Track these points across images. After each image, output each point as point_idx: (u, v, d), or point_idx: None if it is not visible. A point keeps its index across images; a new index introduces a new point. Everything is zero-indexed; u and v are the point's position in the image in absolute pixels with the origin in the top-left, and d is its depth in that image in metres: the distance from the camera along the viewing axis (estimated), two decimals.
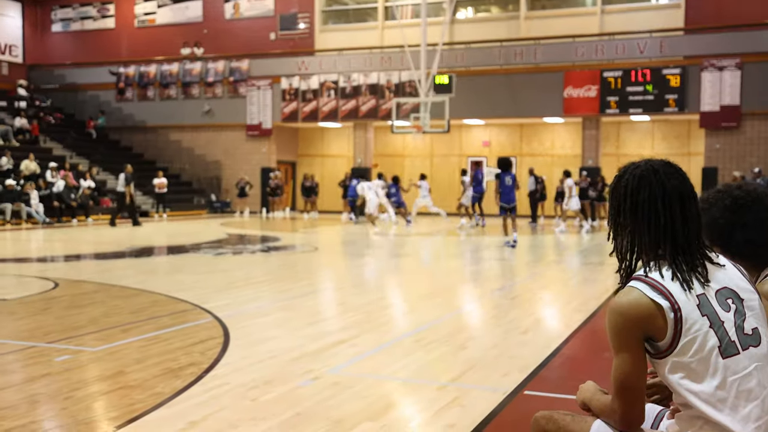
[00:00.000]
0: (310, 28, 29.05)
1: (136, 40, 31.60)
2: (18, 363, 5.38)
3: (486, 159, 27.64)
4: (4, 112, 27.44)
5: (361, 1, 29.79)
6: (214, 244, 15.34)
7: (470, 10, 28.81)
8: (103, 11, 32.44)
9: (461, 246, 16.28)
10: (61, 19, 33.06)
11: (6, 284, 9.58)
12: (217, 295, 8.58)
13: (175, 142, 29.23)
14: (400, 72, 26.20)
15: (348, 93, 26.87)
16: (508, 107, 25.29)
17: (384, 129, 27.76)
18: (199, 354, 5.63)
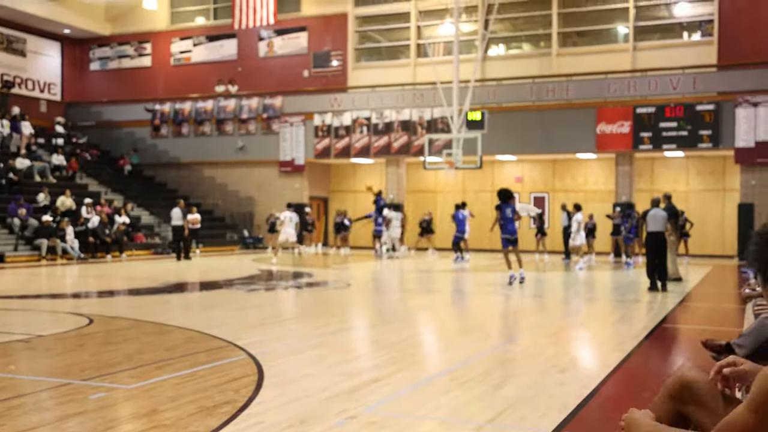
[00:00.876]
0: (343, 66, 29.38)
1: (172, 77, 32.20)
2: (53, 400, 5.37)
3: (519, 195, 27.50)
4: (42, 149, 27.99)
5: (393, 39, 30.12)
6: (246, 280, 15.37)
7: (502, 47, 28.95)
8: (140, 50, 33.14)
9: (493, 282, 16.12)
10: (99, 57, 33.84)
11: (42, 320, 9.65)
12: (251, 331, 8.55)
13: (209, 178, 29.55)
14: (432, 108, 26.32)
15: (380, 129, 27.03)
16: (540, 143, 25.23)
17: (416, 165, 27.82)
18: (233, 392, 5.58)
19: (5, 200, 21.89)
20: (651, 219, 13.35)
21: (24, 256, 20.53)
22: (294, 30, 30.34)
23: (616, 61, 25.60)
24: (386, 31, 30.43)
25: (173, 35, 32.59)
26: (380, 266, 20.81)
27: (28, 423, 4.83)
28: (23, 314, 10.23)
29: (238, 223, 28.86)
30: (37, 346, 7.61)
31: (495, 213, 15.03)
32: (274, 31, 30.55)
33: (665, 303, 11.94)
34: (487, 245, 26.44)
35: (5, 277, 16.21)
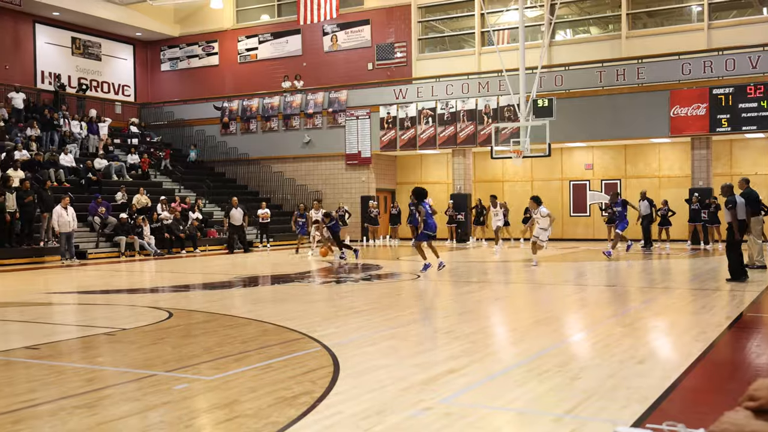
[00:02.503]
0: (407, 57, 29.37)
1: (239, 75, 32.76)
2: (140, 391, 5.55)
3: (589, 182, 27.04)
4: (118, 149, 28.86)
5: (457, 28, 29.95)
6: (317, 273, 15.54)
7: (568, 31, 28.45)
8: (207, 49, 33.80)
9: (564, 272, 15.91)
10: (169, 58, 34.67)
11: (124, 314, 9.97)
12: (324, 323, 8.65)
13: (277, 173, 29.96)
14: (498, 97, 26.06)
15: (446, 119, 26.92)
16: (611, 129, 24.72)
17: (483, 154, 27.62)
18: (310, 383, 5.66)
19: (86, 199, 22.67)
20: (740, 207, 12.79)
21: (104, 252, 21.24)
22: (357, 23, 30.47)
23: (690, 41, 24.85)
24: (450, 21, 30.27)
25: (239, 33, 33.13)
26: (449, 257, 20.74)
27: (118, 412, 5.00)
28: (106, 308, 10.58)
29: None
30: (121, 339, 7.87)
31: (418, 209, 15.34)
32: (338, 25, 30.74)
33: (748, 291, 11.58)
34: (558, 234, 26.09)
35: (88, 273, 16.81)
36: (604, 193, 26.28)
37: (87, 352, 7.34)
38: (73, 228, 19.56)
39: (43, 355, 6.96)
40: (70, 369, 6.32)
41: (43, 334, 8.44)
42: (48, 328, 9.00)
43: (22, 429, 4.64)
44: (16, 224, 19.41)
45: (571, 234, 27.02)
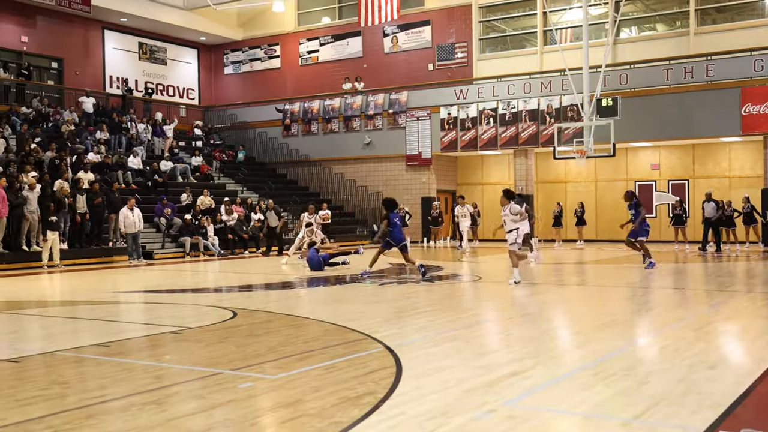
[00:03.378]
0: (468, 57, 29.24)
1: (301, 77, 33.12)
2: (206, 389, 5.64)
3: (655, 182, 26.45)
4: (183, 151, 29.48)
5: (518, 28, 29.68)
6: (378, 274, 15.58)
7: (634, 29, 27.91)
8: (269, 52, 34.27)
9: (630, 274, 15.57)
10: (232, 62, 35.27)
11: (189, 313, 10.15)
12: (386, 324, 8.65)
13: (338, 174, 30.15)
14: (561, 96, 25.71)
15: (507, 120, 26.68)
16: (678, 128, 24.12)
17: (545, 155, 27.29)
18: (373, 383, 5.67)
19: (152, 201, 23.21)
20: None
21: (170, 253, 21.70)
22: (418, 24, 30.48)
23: (762, 37, 24.07)
24: (511, 20, 30.01)
25: (301, 36, 33.50)
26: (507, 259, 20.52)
27: (185, 409, 5.09)
28: (172, 308, 10.79)
29: (367, 217, 29.29)
30: (187, 337, 8.02)
31: (384, 223, 15.18)
32: (398, 27, 30.79)
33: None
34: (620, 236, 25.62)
35: (154, 273, 17.19)
36: (671, 193, 25.68)
37: (154, 350, 7.50)
38: (139, 229, 20.04)
39: (113, 352, 7.13)
40: (139, 366, 6.47)
41: (113, 331, 8.66)
42: (117, 326, 9.24)
43: (95, 424, 4.76)
44: (86, 225, 20.00)
45: None
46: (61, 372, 6.35)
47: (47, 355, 7.06)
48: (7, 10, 27.18)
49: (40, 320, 9.91)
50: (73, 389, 5.70)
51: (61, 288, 14.60)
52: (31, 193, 18.73)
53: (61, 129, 25.01)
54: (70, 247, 19.47)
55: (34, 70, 28.54)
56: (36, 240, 18.70)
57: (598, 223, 27.62)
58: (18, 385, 5.90)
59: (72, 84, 29.13)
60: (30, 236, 18.81)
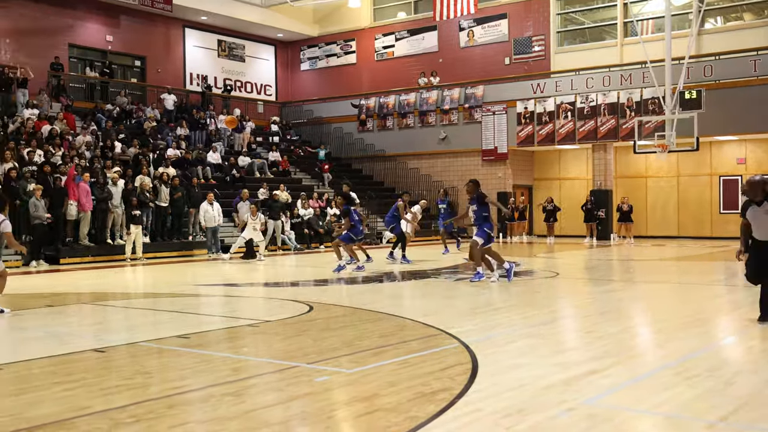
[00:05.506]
0: (546, 50, 28.78)
1: (376, 72, 33.21)
2: (283, 381, 5.71)
3: (741, 177, 25.48)
4: (260, 146, 29.96)
5: (597, 19, 29.04)
6: (453, 270, 15.50)
7: (719, 19, 26.92)
8: (345, 48, 34.49)
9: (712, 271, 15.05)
10: (308, 58, 35.65)
11: (266, 307, 10.32)
12: (461, 320, 8.59)
13: (414, 169, 30.13)
14: (641, 89, 25.02)
15: (586, 113, 26.14)
16: (766, 120, 23.15)
17: (625, 149, 26.62)
18: (449, 379, 5.63)
19: (230, 195, 23.66)
20: None
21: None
22: (494, 18, 30.15)
23: None
24: (590, 12, 29.37)
25: (376, 31, 33.58)
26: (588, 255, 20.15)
27: (263, 401, 5.17)
28: (250, 301, 10.99)
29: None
30: (265, 330, 8.14)
31: (346, 220, 15.23)
32: (474, 21, 30.53)
33: None
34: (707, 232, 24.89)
35: (232, 267, 17.53)
36: None
37: (233, 342, 7.64)
38: (218, 223, 20.47)
39: (193, 344, 7.30)
40: (218, 358, 6.60)
41: (192, 324, 8.87)
42: (196, 318, 9.45)
43: (176, 414, 4.87)
44: (168, 219, 20.57)
45: (721, 232, 25.52)
46: (144, 362, 6.53)
47: (131, 345, 7.27)
48: (93, 10, 28.14)
49: (124, 311, 10.24)
50: (155, 379, 5.86)
51: (143, 280, 15.06)
52: (115, 188, 19.38)
53: (143, 125, 25.77)
54: (152, 240, 20.06)
55: (118, 68, 29.47)
56: (120, 233, 19.34)
57: (681, 219, 26.82)
58: (104, 374, 6.10)
59: (154, 81, 29.96)
60: (114, 230, 19.47)
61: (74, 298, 11.92)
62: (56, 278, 15.16)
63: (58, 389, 5.48)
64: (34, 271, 16.65)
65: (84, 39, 28.23)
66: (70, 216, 18.31)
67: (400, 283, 13.68)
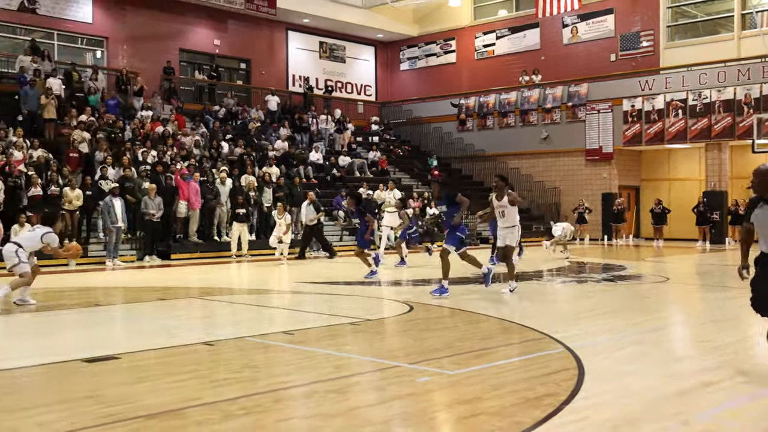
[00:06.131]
0: (654, 46, 27.81)
1: (476, 71, 32.95)
2: (385, 381, 5.71)
3: None
4: (360, 146, 30.26)
5: (712, 12, 27.82)
6: (555, 272, 15.18)
7: None
8: (445, 47, 34.39)
9: None
10: (408, 58, 35.74)
11: (367, 305, 10.37)
12: (566, 324, 8.38)
13: (514, 169, 29.73)
14: (761, 85, 23.80)
15: (699, 111, 25.09)
16: None
17: (741, 148, 25.41)
18: (554, 385, 5.49)
19: (331, 194, 24.01)
20: None
21: (348, 245, 22.29)
22: (600, 13, 29.37)
23: None
24: (703, 4, 28.17)
25: (477, 30, 33.33)
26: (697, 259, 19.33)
27: (366, 400, 5.18)
28: (351, 299, 11.08)
29: (544, 213, 28.67)
30: (366, 329, 8.18)
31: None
32: (578, 17, 29.83)
33: None
34: None
35: (334, 265, 17.76)
36: None
37: (335, 340, 7.70)
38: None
39: (297, 340, 7.41)
40: (321, 355, 6.67)
41: (296, 320, 9.02)
42: (299, 315, 9.60)
43: (281, 408, 4.96)
44: (271, 218, 21.02)
45: None
46: (251, 356, 6.67)
47: (238, 339, 7.45)
48: (203, 16, 29.11)
49: (230, 306, 10.51)
50: (262, 374, 5.97)
51: (248, 276, 15.45)
52: (223, 187, 19.98)
53: (248, 126, 26.46)
54: (256, 238, 20.56)
55: (225, 71, 30.39)
56: (226, 231, 19.92)
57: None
58: (213, 367, 6.27)
59: (258, 83, 30.72)
60: (221, 227, 20.08)
61: (183, 292, 12.35)
62: (167, 273, 15.75)
63: (171, 380, 5.67)
64: (147, 265, 17.38)
65: (193, 44, 29.25)
66: (180, 213, 19.03)
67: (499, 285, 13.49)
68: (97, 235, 18.01)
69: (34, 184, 16.90)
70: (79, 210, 17.57)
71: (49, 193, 17.09)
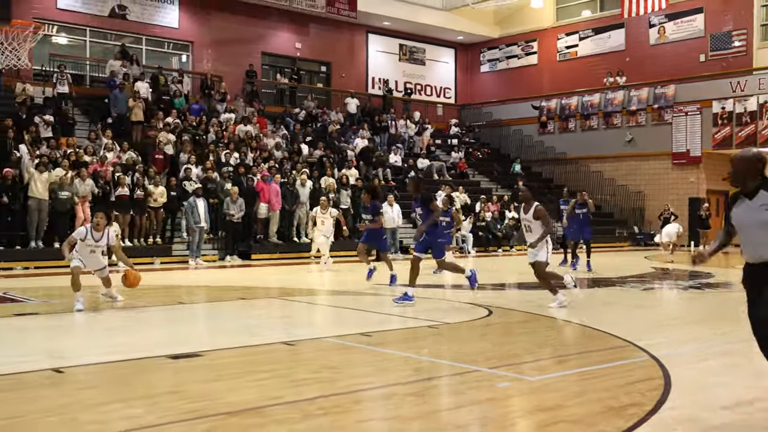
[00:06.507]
0: (747, 45, 26.80)
1: (558, 73, 32.43)
2: (464, 385, 5.65)
3: None
4: (439, 149, 30.18)
5: None
6: (640, 278, 14.77)
7: None
8: (527, 49, 33.98)
9: None
10: (488, 60, 35.47)
11: (446, 309, 10.30)
12: (650, 332, 8.12)
13: (596, 173, 29.12)
14: None
15: None
16: None
17: None
18: (639, 394, 5.31)
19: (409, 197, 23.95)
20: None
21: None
22: (689, 12, 28.48)
23: None
24: None
25: (559, 31, 32.81)
26: None
27: (445, 403, 5.14)
28: (428, 302, 11.03)
29: (628, 218, 27.97)
30: (444, 332, 8.12)
31: None
32: (666, 16, 29.02)
33: None
34: None
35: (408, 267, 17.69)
36: None
37: (413, 343, 7.67)
38: (397, 224, 20.79)
39: (375, 342, 7.41)
40: (399, 357, 6.65)
41: (374, 322, 9.03)
42: (377, 317, 9.61)
43: (361, 409, 4.97)
44: (349, 220, 21.17)
45: None
46: (330, 357, 6.71)
47: (317, 340, 7.52)
48: (285, 20, 29.58)
49: (309, 307, 10.62)
50: (341, 374, 5.99)
51: (327, 277, 15.57)
52: (303, 188, 20.23)
53: (327, 129, 26.74)
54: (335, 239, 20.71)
55: (305, 74, 30.80)
56: (305, 232, 20.15)
57: None
58: (293, 367, 6.33)
59: (338, 86, 31.02)
60: (300, 229, 20.33)
61: (263, 292, 12.56)
62: (247, 273, 16.05)
63: (252, 378, 5.75)
64: (228, 265, 17.75)
65: (275, 47, 29.76)
66: (261, 215, 19.37)
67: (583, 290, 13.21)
68: (181, 235, 18.50)
69: (121, 185, 17.49)
70: (163, 208, 18.11)
71: (135, 197, 17.63)
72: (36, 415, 4.75)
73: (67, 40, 25.39)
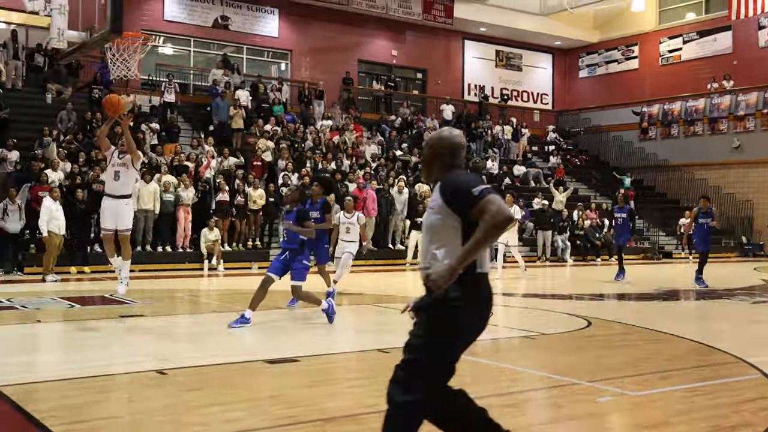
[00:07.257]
0: None
1: (660, 78, 31.41)
2: (562, 398, 5.51)
3: None
4: (536, 156, 29.71)
5: None
6: (749, 291, 14.09)
7: None
8: (627, 53, 33.08)
9: None
10: (587, 65, 34.70)
11: (544, 319, 10.10)
12: (762, 348, 7.73)
13: (701, 180, 28.01)
14: None
15: None
16: None
17: None
18: (749, 414, 5.06)
19: None
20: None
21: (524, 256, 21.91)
22: None
23: None
24: None
25: (661, 35, 31.79)
26: None
27: (542, 417, 5.03)
28: (525, 312, 10.86)
29: (735, 228, 26.78)
30: (541, 343, 7.96)
31: None
32: None
33: None
34: None
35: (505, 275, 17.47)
36: None
37: (510, 354, 7.56)
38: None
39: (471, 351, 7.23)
40: (495, 368, 6.55)
41: None
42: None
43: None
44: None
45: None
46: None
47: None
48: (381, 28, 29.79)
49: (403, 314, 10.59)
50: None
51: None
52: (399, 195, 20.30)
53: (423, 135, 26.73)
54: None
55: (401, 81, 30.92)
56: (400, 239, 20.20)
57: None
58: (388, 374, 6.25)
59: (433, 93, 30.98)
60: (395, 235, 20.39)
61: (358, 298, 12.64)
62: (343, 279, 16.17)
63: (348, 385, 5.79)
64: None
65: (371, 54, 30.02)
66: None
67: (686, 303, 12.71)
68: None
69: (221, 190, 18.02)
70: (262, 212, 18.55)
71: (235, 203, 18.14)
72: (141, 415, 4.92)
73: (173, 50, 26.37)
